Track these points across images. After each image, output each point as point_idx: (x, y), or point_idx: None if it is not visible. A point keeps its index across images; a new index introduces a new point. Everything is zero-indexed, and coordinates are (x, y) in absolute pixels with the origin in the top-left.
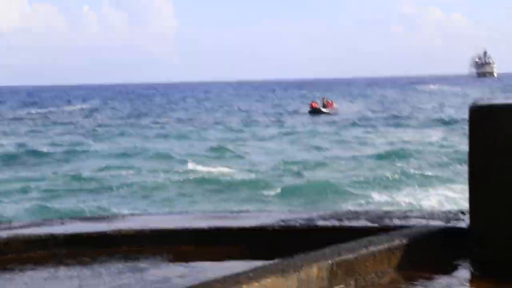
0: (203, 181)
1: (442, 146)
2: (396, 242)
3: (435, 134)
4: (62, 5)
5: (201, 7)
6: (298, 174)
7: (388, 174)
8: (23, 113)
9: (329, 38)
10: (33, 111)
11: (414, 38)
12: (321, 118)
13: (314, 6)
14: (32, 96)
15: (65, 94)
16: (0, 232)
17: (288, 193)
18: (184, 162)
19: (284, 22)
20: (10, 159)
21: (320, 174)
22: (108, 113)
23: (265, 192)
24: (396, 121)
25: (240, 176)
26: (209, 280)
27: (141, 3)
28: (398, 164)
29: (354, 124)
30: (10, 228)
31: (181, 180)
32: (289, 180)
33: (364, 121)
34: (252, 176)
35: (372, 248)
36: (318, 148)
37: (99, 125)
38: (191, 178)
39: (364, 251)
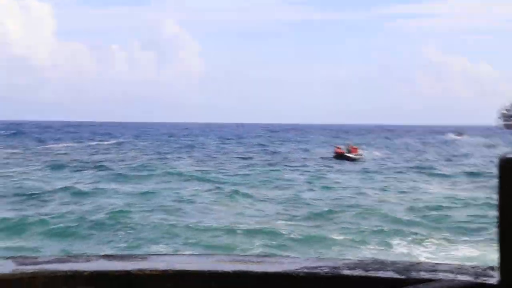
0: (219, 227)
1: (469, 199)
2: None
3: (462, 186)
4: (91, 43)
5: (227, 47)
6: (319, 221)
7: (412, 225)
8: (47, 147)
9: (353, 84)
10: (58, 145)
11: (439, 87)
12: (345, 164)
13: (339, 52)
14: (60, 132)
15: (93, 130)
16: (26, 267)
17: (308, 240)
18: (203, 205)
19: (309, 67)
20: (31, 195)
21: (342, 222)
22: (132, 151)
23: (285, 237)
24: (421, 170)
25: (257, 222)
26: None
27: (168, 43)
28: (423, 215)
29: (378, 172)
30: (35, 263)
31: (197, 224)
32: (310, 227)
33: (388, 169)
34: (270, 222)
35: None
36: (340, 195)
37: (123, 164)
38: (207, 224)
39: None
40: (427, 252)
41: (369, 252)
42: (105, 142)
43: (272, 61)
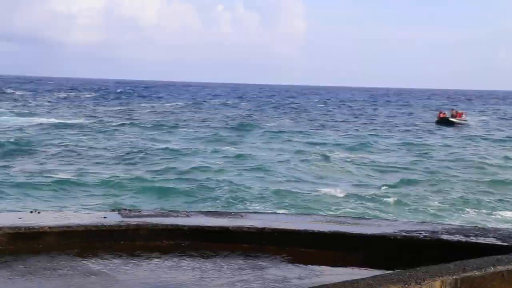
0: (314, 188)
1: None
2: None
3: None
4: (198, 4)
5: (331, 9)
6: (417, 185)
7: None
8: (151, 106)
9: (463, 48)
10: (161, 105)
11: None
12: (448, 129)
13: (449, 15)
14: (164, 91)
15: (195, 90)
16: (130, 219)
17: (405, 205)
18: (299, 167)
19: (418, 29)
20: (131, 153)
21: (441, 186)
22: (232, 111)
23: (381, 200)
24: None
25: (353, 185)
26: (327, 284)
27: (273, 4)
28: None
29: (482, 137)
30: (139, 216)
31: (292, 185)
32: (407, 192)
33: (494, 135)
34: (366, 187)
35: (500, 268)
36: (440, 160)
37: (223, 123)
38: (302, 185)
39: (491, 269)
40: None
41: (470, 218)
42: (210, 102)
43: (377, 24)
